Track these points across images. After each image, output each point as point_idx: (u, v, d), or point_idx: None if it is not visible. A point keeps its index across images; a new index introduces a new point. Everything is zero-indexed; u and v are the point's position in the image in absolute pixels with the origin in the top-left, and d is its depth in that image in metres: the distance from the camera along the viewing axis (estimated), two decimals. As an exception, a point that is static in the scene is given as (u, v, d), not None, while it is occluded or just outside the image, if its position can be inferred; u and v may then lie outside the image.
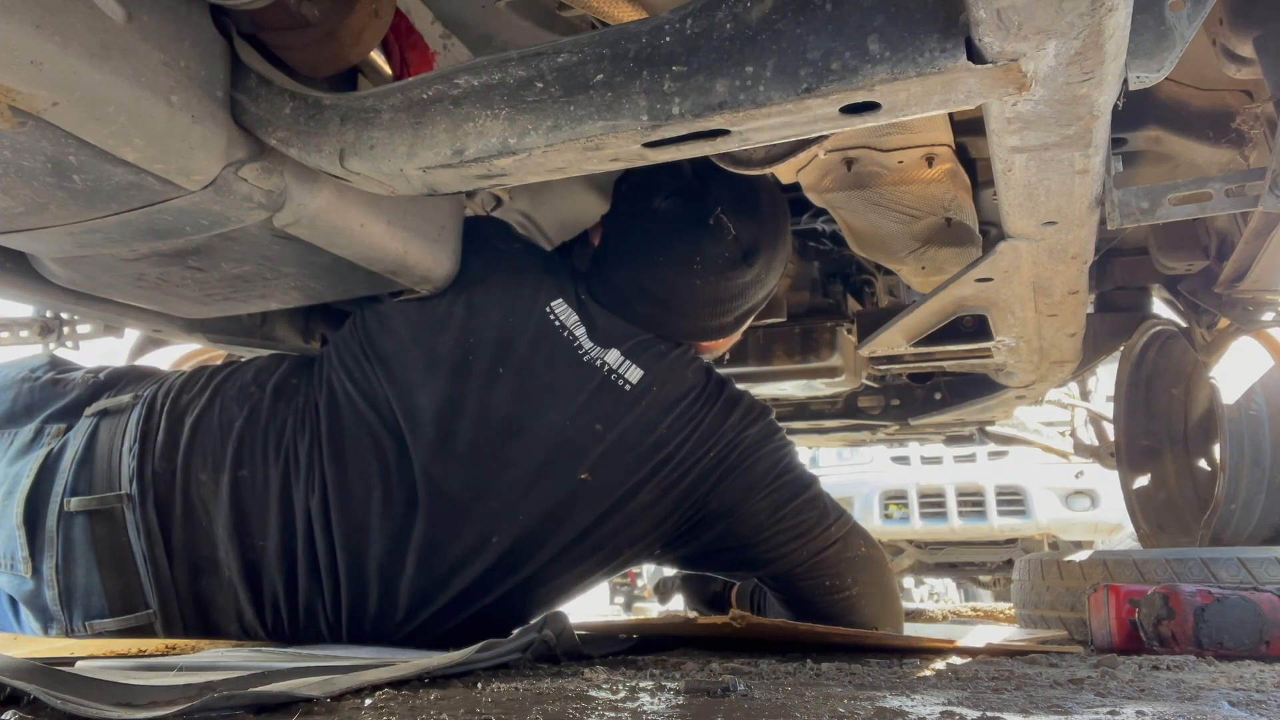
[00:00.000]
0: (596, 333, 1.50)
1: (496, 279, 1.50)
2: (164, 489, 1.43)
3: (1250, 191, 1.24)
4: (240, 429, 1.46)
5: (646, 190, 1.58)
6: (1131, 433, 3.04)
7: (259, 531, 1.42)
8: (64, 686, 0.76)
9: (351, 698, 0.83)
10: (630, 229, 1.59)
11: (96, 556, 1.40)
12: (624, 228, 1.60)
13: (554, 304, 1.50)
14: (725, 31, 0.84)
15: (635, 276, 1.54)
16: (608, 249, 1.62)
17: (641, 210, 1.58)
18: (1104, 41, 0.73)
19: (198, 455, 1.45)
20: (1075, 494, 6.27)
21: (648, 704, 0.82)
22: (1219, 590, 1.37)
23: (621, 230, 1.61)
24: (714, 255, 1.53)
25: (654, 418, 1.46)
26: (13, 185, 1.01)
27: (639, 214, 1.58)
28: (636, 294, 1.54)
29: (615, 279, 1.56)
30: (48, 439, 1.53)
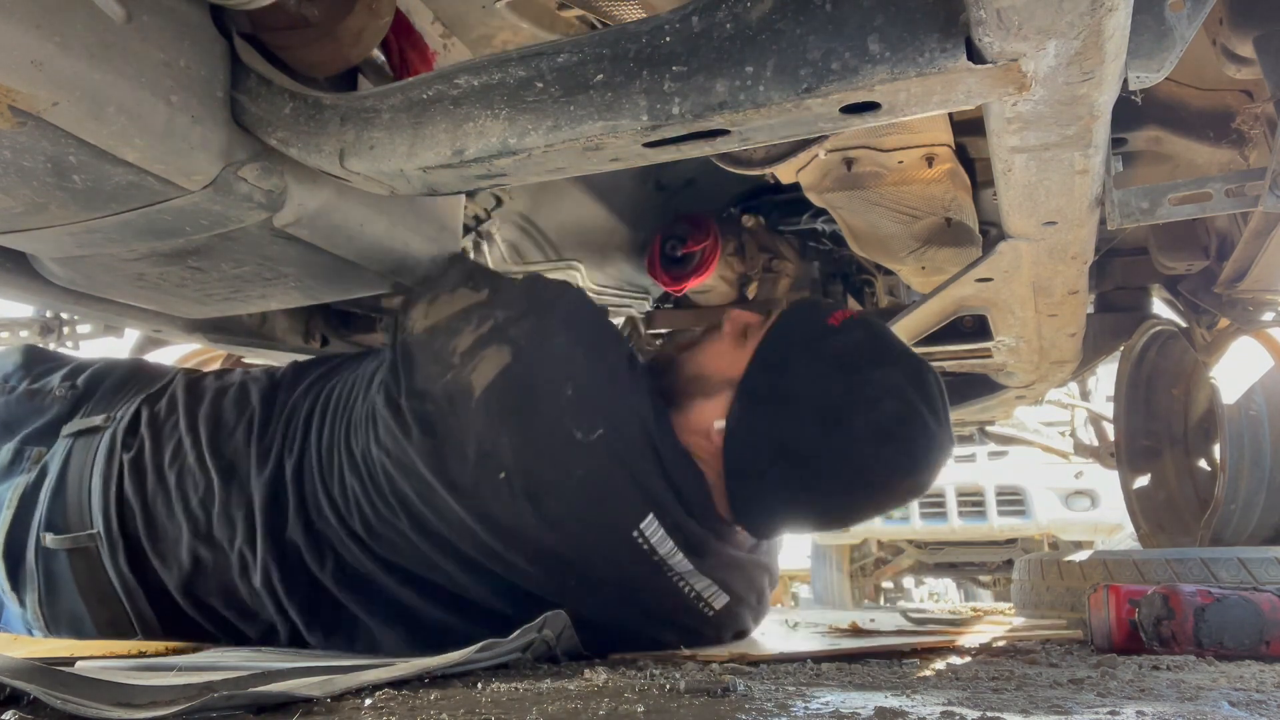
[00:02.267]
0: (691, 557, 1.24)
1: (570, 486, 1.17)
2: (132, 526, 1.37)
3: (1250, 191, 1.24)
4: (219, 490, 1.35)
5: (848, 400, 1.20)
6: (1131, 433, 3.04)
7: (241, 581, 1.33)
8: (64, 686, 0.76)
9: (351, 698, 0.83)
10: (819, 447, 1.19)
11: (79, 588, 1.38)
12: (813, 445, 1.19)
13: (643, 525, 1.19)
14: (725, 31, 0.84)
15: (815, 504, 1.25)
16: (763, 465, 1.22)
17: (840, 421, 1.19)
18: (1104, 41, 0.73)
19: (163, 497, 1.37)
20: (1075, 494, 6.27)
21: (648, 704, 0.82)
22: (1219, 590, 1.37)
23: (797, 445, 1.20)
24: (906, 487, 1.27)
25: (724, 626, 1.37)
26: (13, 185, 1.01)
27: (835, 429, 1.19)
28: (793, 518, 1.29)
29: (771, 503, 1.26)
30: (27, 463, 1.49)
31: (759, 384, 1.24)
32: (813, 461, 1.20)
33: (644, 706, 0.80)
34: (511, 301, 1.26)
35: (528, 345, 1.19)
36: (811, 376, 1.21)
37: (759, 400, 1.23)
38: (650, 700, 0.84)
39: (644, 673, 1.03)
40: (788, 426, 1.20)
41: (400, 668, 0.93)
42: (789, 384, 1.22)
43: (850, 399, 1.19)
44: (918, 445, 1.22)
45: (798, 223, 2.41)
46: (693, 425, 1.26)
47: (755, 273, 2.46)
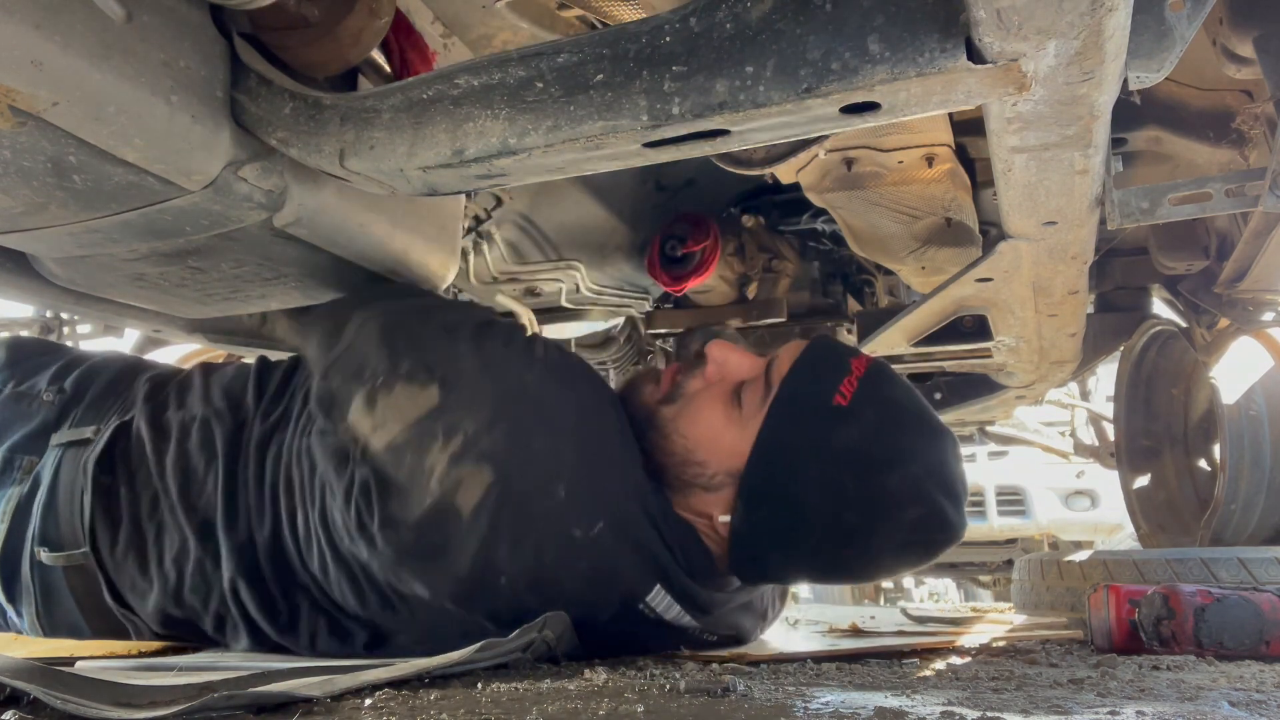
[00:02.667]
0: (698, 616, 1.22)
1: (576, 578, 1.12)
2: (121, 551, 1.33)
3: (1250, 191, 1.24)
4: (194, 549, 1.30)
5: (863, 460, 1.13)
6: (1131, 433, 3.05)
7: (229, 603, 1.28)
8: (64, 686, 0.76)
9: (351, 698, 0.83)
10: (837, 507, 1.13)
11: (77, 601, 1.35)
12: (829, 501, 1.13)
13: (649, 597, 1.16)
14: (725, 31, 0.84)
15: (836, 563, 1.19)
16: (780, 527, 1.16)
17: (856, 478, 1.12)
18: (1104, 41, 0.73)
19: (137, 553, 1.33)
20: (1075, 494, 6.27)
21: (648, 704, 0.82)
22: (1219, 590, 1.37)
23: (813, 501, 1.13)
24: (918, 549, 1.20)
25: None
26: (13, 185, 1.01)
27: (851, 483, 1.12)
28: (812, 576, 1.25)
29: (778, 577, 1.26)
30: (18, 473, 1.44)
31: (764, 486, 1.14)
32: (826, 564, 1.19)
33: (644, 706, 0.80)
34: (474, 403, 1.11)
35: (507, 457, 1.08)
36: (823, 483, 1.12)
37: (765, 502, 1.15)
38: (650, 700, 0.84)
39: (644, 673, 1.03)
40: (799, 535, 1.15)
41: (400, 668, 0.93)
42: (798, 491, 1.13)
43: (868, 511, 1.12)
44: (936, 542, 1.17)
45: (798, 223, 2.42)
46: (695, 509, 1.20)
47: (755, 273, 2.46)
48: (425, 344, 1.19)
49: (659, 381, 1.28)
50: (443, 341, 1.20)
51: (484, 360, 1.17)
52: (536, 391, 1.15)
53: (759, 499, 1.15)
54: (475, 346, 1.19)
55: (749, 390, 1.19)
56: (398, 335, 1.21)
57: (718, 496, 1.18)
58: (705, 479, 1.18)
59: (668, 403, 1.23)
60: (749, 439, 1.15)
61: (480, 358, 1.17)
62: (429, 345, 1.19)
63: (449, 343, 1.20)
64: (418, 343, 1.20)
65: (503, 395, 1.13)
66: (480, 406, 1.11)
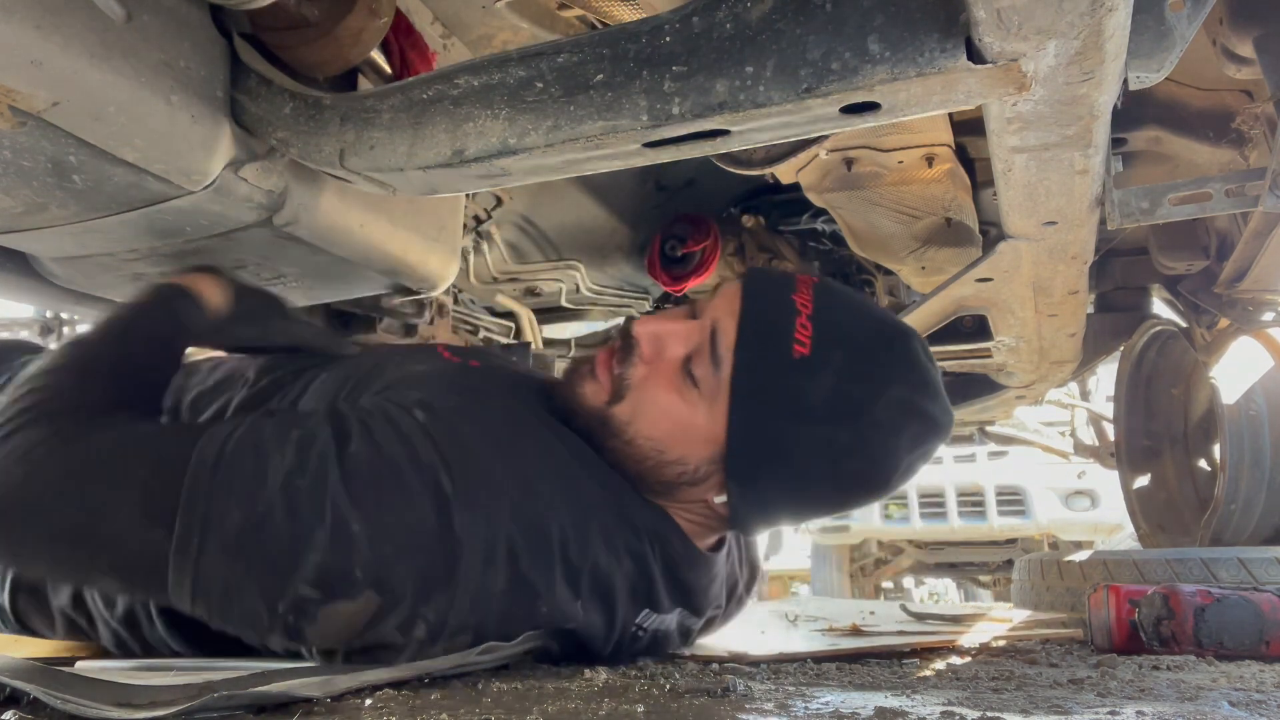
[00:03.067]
0: (681, 612, 1.21)
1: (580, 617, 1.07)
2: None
3: (1250, 191, 1.24)
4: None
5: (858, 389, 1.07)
6: (1131, 433, 3.05)
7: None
8: (64, 686, 0.76)
9: (351, 698, 0.83)
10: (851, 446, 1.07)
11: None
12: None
13: (640, 618, 1.14)
14: (725, 31, 0.84)
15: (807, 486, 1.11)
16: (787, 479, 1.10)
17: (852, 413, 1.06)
18: (1104, 42, 0.73)
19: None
20: (1075, 494, 6.28)
21: (648, 704, 0.82)
22: (1219, 590, 1.37)
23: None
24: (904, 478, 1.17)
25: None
26: (13, 185, 1.01)
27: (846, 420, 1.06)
28: (788, 509, 1.16)
29: (776, 522, 1.19)
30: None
31: (752, 465, 1.08)
32: (836, 505, 1.16)
33: (644, 707, 0.80)
34: (426, 591, 0.94)
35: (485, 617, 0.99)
36: (812, 442, 1.06)
37: (758, 478, 1.09)
38: (651, 700, 0.84)
39: (644, 673, 1.03)
40: (802, 495, 1.11)
41: (400, 668, 0.93)
42: (789, 458, 1.07)
43: (865, 451, 1.08)
44: (934, 445, 1.15)
45: (798, 223, 2.42)
46: (684, 499, 1.15)
47: (755, 273, 2.46)
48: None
49: (597, 377, 1.14)
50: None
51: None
52: (506, 519, 0.99)
53: (751, 477, 1.09)
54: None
55: (698, 363, 1.09)
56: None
57: (706, 485, 1.12)
58: (689, 475, 1.11)
59: (617, 402, 1.11)
60: (720, 419, 1.08)
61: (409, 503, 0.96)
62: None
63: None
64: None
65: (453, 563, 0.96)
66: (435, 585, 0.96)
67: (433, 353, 1.29)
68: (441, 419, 1.02)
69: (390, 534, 0.93)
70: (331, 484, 0.92)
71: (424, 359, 1.24)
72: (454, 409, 1.04)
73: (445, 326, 2.08)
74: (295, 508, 0.91)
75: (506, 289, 2.33)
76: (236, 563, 0.89)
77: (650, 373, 1.12)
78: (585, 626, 1.07)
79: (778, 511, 1.14)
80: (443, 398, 1.06)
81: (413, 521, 0.94)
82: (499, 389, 1.16)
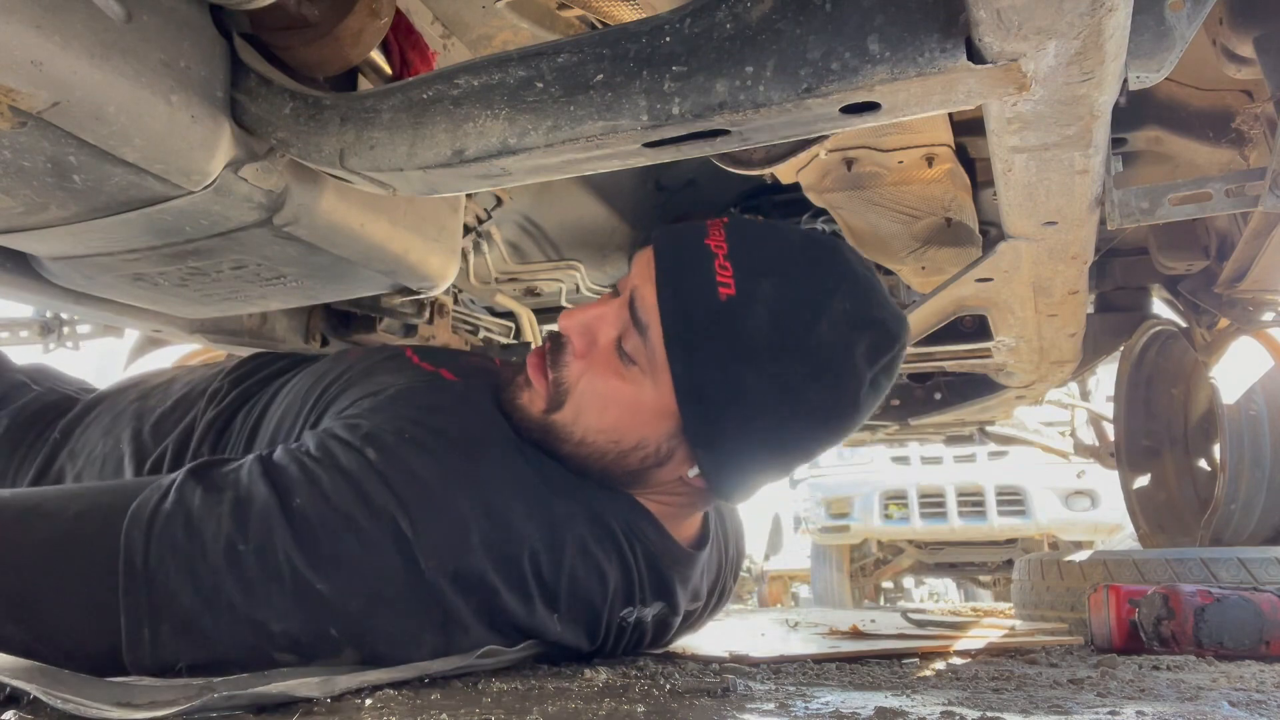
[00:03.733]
0: (663, 607, 1.19)
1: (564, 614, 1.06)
2: None
3: (1250, 191, 1.24)
4: None
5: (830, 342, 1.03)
6: (1131, 433, 3.05)
7: None
8: (64, 686, 0.76)
9: (351, 698, 0.83)
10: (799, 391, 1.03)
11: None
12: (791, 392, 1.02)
13: (624, 613, 1.13)
14: (725, 31, 0.84)
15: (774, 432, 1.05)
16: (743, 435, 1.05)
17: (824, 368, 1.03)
18: (1104, 41, 0.73)
19: None
20: (1075, 494, 6.28)
21: (649, 704, 0.82)
22: (1219, 590, 1.37)
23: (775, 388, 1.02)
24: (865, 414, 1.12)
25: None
26: (13, 185, 1.01)
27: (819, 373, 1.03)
28: (758, 459, 1.09)
29: (758, 482, 1.12)
30: None
31: (714, 427, 1.03)
32: (818, 443, 1.09)
33: (644, 707, 0.80)
34: (398, 634, 0.94)
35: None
36: (767, 384, 1.00)
37: (724, 438, 1.03)
38: (651, 700, 0.84)
39: (644, 673, 1.03)
40: (775, 443, 1.06)
41: (401, 668, 0.92)
42: (750, 408, 1.01)
43: (826, 376, 1.02)
44: (896, 353, 1.08)
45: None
46: (657, 482, 1.11)
47: (755, 273, 2.46)
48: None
49: (531, 384, 1.10)
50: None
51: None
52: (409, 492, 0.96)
53: (715, 436, 1.03)
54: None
55: (628, 340, 1.05)
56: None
57: (675, 462, 1.07)
58: (653, 457, 1.07)
59: (556, 408, 1.07)
60: (665, 388, 1.02)
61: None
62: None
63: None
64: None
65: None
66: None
67: (403, 362, 1.24)
68: (395, 456, 0.97)
69: (358, 588, 0.90)
70: (281, 544, 0.88)
71: (393, 369, 1.20)
72: (410, 441, 1.00)
73: (445, 326, 2.09)
74: (245, 577, 0.86)
75: (506, 289, 2.33)
76: (197, 644, 0.85)
77: (587, 366, 1.07)
78: (563, 638, 1.06)
79: (755, 466, 1.08)
80: (401, 423, 1.02)
81: (379, 571, 0.91)
82: (465, 405, 1.11)
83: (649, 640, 1.26)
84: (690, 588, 1.23)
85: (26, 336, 2.24)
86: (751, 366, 1.00)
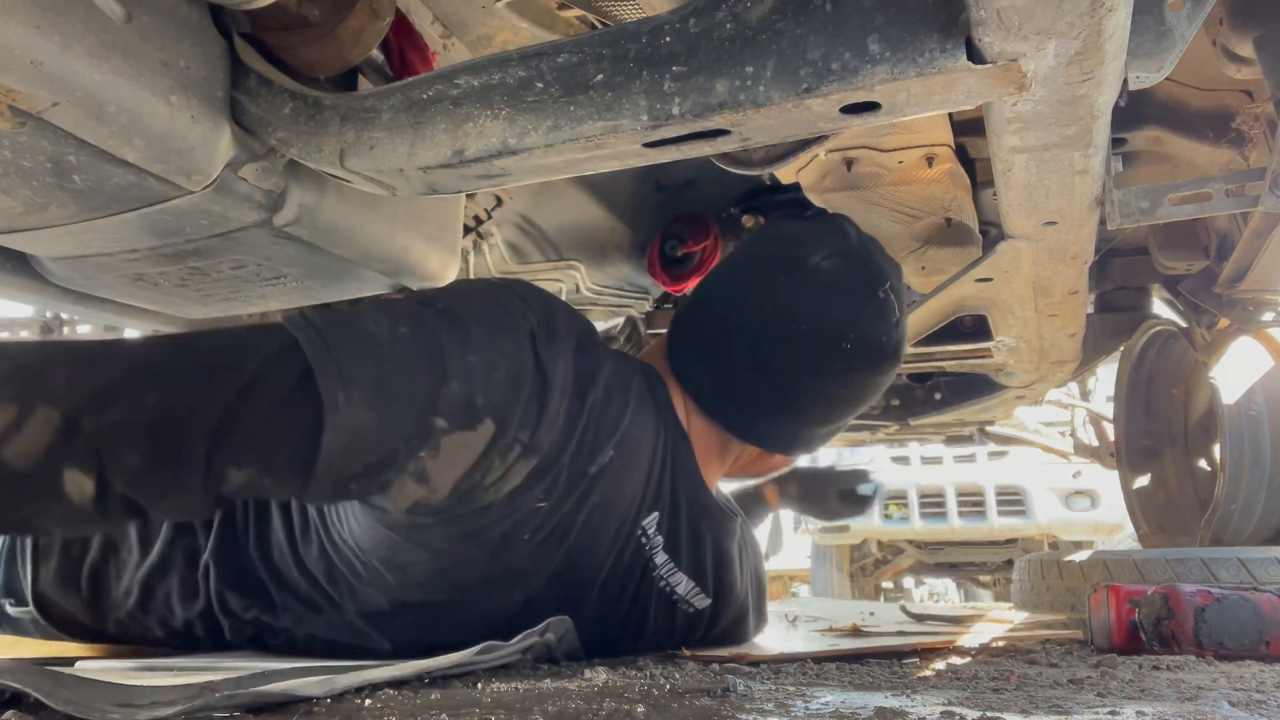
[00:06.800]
0: (674, 556, 1.23)
1: (586, 518, 1.13)
2: (59, 614, 1.31)
3: (1250, 191, 1.24)
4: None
5: (796, 249, 1.25)
6: (1131, 433, 3.05)
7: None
8: (64, 687, 0.76)
9: (351, 698, 0.83)
10: (771, 290, 1.23)
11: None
12: (760, 287, 1.24)
13: (646, 521, 1.19)
14: (725, 31, 0.84)
15: (757, 349, 1.23)
16: (707, 315, 1.28)
17: (788, 267, 1.24)
18: (1104, 42, 0.73)
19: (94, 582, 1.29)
20: (1075, 494, 6.28)
21: (649, 704, 0.82)
22: (1219, 590, 1.37)
23: (741, 288, 1.26)
24: (873, 337, 1.23)
25: (711, 625, 1.32)
26: (13, 185, 1.01)
27: (782, 270, 1.23)
28: (747, 377, 1.24)
29: (717, 356, 1.25)
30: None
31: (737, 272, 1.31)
32: (812, 373, 1.25)
33: (644, 707, 0.80)
34: (525, 417, 1.05)
35: (539, 439, 1.06)
36: (790, 265, 1.26)
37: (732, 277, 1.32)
38: (651, 700, 0.84)
39: (644, 673, 1.03)
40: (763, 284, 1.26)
41: (401, 668, 0.93)
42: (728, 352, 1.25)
43: (791, 309, 1.23)
44: (871, 271, 1.26)
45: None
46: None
47: (755, 273, 2.45)
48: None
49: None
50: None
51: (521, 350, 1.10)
52: (566, 366, 1.12)
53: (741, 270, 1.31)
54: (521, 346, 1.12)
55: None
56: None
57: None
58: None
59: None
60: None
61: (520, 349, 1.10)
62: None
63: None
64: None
65: (543, 381, 1.09)
66: (527, 417, 1.07)
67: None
68: (515, 281, 1.20)
69: (499, 364, 1.04)
70: (434, 327, 1.02)
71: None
72: (522, 279, 1.29)
73: (445, 326, 2.08)
74: (414, 349, 1.00)
75: (506, 289, 2.33)
76: (379, 408, 0.96)
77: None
78: (606, 485, 1.12)
79: (773, 413, 1.27)
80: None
81: (513, 354, 1.06)
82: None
83: (679, 626, 1.26)
84: (697, 560, 1.26)
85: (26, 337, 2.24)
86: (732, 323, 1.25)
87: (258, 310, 1.60)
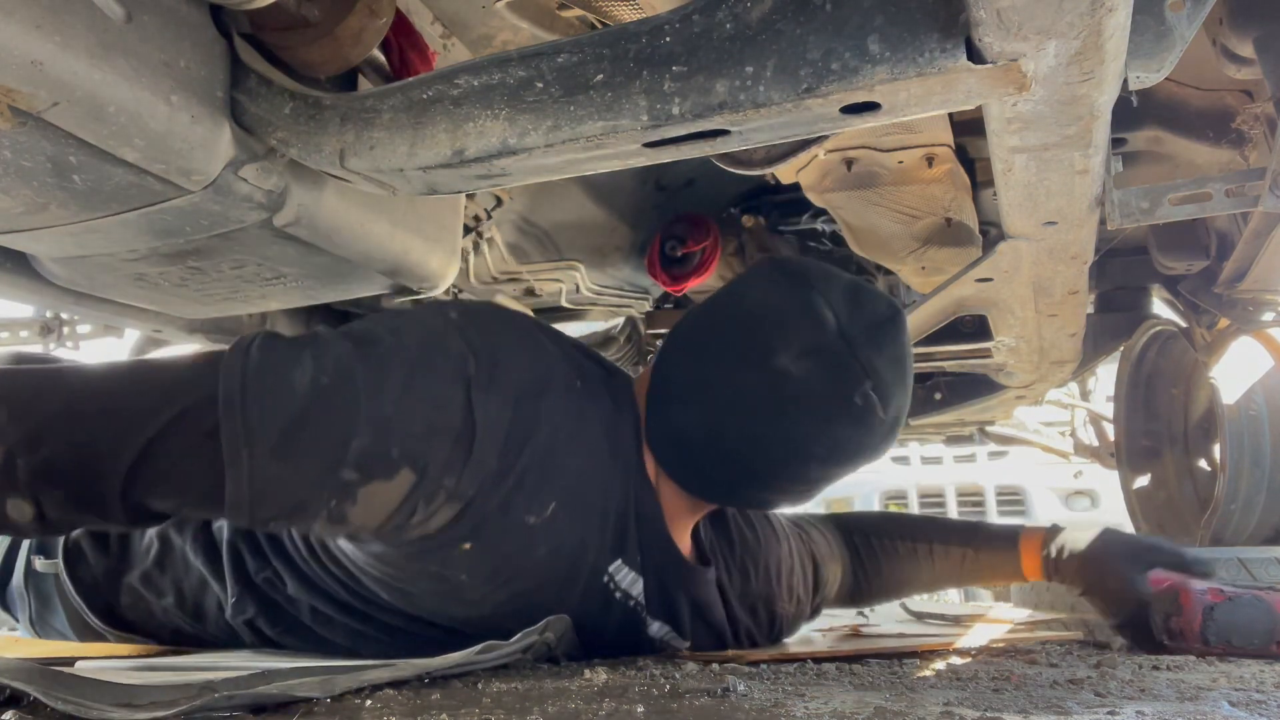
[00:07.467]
0: (647, 602, 1.22)
1: (535, 564, 1.11)
2: (84, 573, 1.36)
3: (1250, 191, 1.24)
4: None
5: (765, 339, 1.15)
6: (1131, 433, 3.04)
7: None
8: (64, 687, 0.76)
9: (352, 697, 0.83)
10: (735, 389, 1.15)
11: (66, 613, 1.38)
12: (723, 383, 1.16)
13: (612, 569, 1.17)
14: (725, 31, 0.84)
15: (719, 442, 1.17)
16: (672, 396, 1.21)
17: (754, 364, 1.14)
18: (1104, 42, 0.73)
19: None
20: (1075, 494, 6.28)
21: (648, 704, 0.82)
22: (1231, 589, 1.35)
23: (712, 387, 1.17)
24: (846, 441, 1.16)
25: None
26: (13, 185, 1.01)
27: (748, 368, 1.15)
28: (714, 470, 1.20)
29: (682, 443, 1.20)
30: None
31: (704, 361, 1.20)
32: (743, 395, 1.17)
33: (644, 707, 0.80)
34: (450, 462, 1.03)
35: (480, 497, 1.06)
36: (761, 364, 1.16)
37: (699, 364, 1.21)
38: (651, 700, 0.84)
39: (644, 673, 1.03)
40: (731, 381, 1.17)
41: (401, 668, 0.93)
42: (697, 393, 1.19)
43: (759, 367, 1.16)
44: (903, 343, 1.20)
45: (798, 223, 2.41)
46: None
47: (755, 273, 2.45)
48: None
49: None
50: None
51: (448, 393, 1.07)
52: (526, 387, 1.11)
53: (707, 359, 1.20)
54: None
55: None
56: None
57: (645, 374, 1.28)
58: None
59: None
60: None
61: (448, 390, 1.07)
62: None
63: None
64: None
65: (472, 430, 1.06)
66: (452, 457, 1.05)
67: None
68: (476, 316, 1.15)
69: (419, 413, 1.02)
70: (359, 378, 1.01)
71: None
72: (492, 311, 1.22)
73: (445, 326, 2.08)
74: (328, 404, 0.99)
75: (506, 289, 2.33)
76: (285, 462, 0.97)
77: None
78: (552, 535, 1.10)
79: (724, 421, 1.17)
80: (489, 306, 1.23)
81: (440, 400, 1.04)
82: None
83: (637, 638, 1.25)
84: (704, 601, 1.26)
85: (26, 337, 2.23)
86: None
87: (258, 310, 1.60)
